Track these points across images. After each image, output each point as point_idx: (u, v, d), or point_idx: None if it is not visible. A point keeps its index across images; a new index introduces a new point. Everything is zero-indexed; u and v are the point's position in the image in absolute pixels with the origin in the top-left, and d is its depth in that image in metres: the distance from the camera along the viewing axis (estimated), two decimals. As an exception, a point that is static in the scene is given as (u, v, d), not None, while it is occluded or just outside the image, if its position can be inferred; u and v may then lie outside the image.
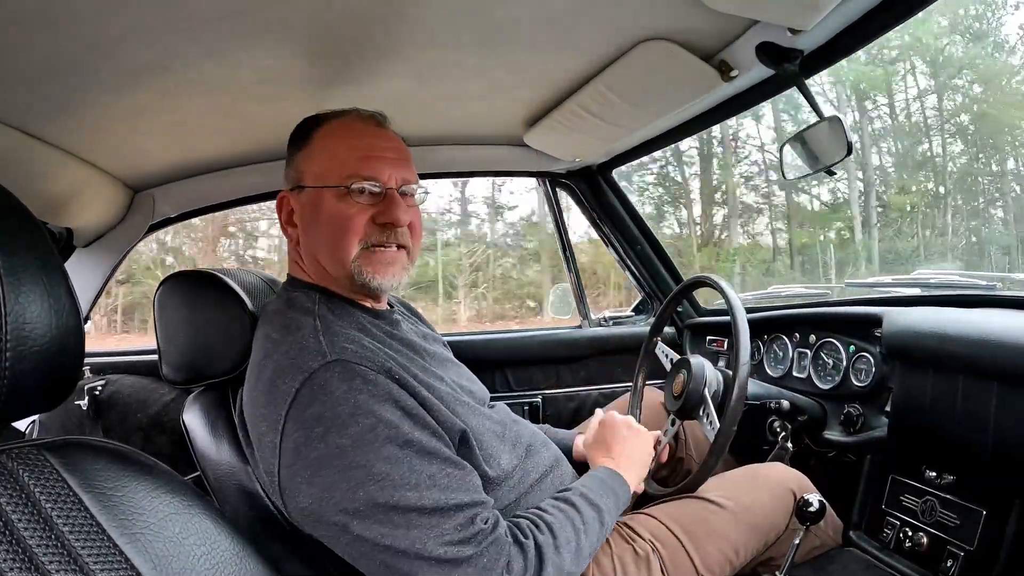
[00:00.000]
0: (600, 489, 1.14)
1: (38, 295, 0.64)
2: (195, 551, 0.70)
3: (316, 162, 1.10)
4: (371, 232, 1.08)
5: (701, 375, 1.37)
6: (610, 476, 1.19)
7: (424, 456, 0.92)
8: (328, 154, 1.10)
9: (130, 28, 1.02)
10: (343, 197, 1.07)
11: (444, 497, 0.90)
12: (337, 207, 1.07)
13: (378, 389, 0.93)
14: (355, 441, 0.89)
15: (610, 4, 1.12)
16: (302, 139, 1.14)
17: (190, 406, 1.23)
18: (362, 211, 1.08)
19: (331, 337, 0.98)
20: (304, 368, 0.93)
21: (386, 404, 0.92)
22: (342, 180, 1.07)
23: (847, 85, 11.21)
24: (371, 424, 0.90)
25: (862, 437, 1.48)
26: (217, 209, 2.04)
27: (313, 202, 1.10)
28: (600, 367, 2.30)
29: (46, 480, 0.62)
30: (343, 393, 0.90)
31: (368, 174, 1.08)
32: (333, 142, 1.11)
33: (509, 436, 1.17)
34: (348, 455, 0.88)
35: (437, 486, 0.91)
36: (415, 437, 0.93)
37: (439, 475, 0.92)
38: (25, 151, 1.33)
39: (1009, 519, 1.17)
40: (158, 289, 1.25)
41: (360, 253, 1.08)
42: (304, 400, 0.91)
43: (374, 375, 0.94)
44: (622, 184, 2.22)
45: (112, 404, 1.93)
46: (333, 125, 1.13)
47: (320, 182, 1.09)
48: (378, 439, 0.89)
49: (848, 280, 7.78)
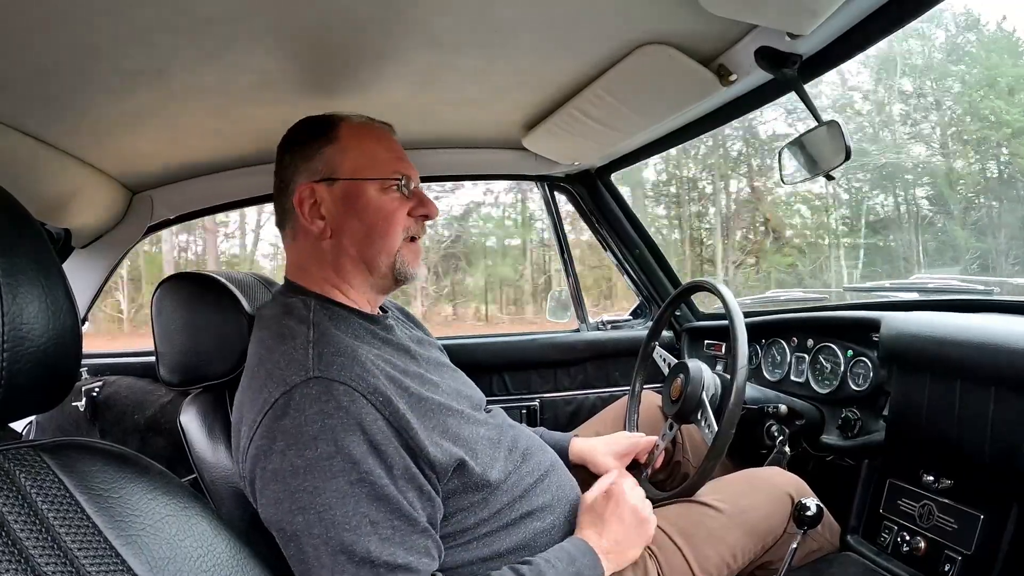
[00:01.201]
0: (567, 570, 1.02)
1: (36, 296, 0.64)
2: (191, 553, 0.70)
3: (351, 156, 1.12)
4: (410, 224, 1.15)
5: (699, 379, 1.37)
6: (585, 556, 1.06)
7: (374, 500, 0.89)
8: (364, 150, 1.13)
9: (129, 31, 1.02)
10: (387, 190, 1.12)
11: (379, 550, 0.87)
12: (382, 199, 1.12)
13: (349, 417, 0.90)
14: (309, 465, 0.88)
15: (609, 8, 1.12)
16: (325, 133, 1.14)
17: (187, 408, 1.23)
18: (402, 204, 1.14)
19: (322, 348, 0.97)
20: (287, 381, 0.92)
21: (353, 435, 0.90)
22: (387, 174, 1.12)
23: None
24: (330, 452, 0.88)
25: (860, 441, 1.48)
26: (215, 211, 2.04)
27: (353, 194, 1.11)
28: (598, 371, 2.30)
29: (43, 481, 0.62)
30: (313, 414, 0.90)
31: (407, 172, 1.14)
32: (367, 141, 1.15)
33: (505, 441, 1.17)
34: (299, 476, 0.88)
35: (377, 535, 0.88)
36: (371, 478, 0.90)
37: (383, 524, 0.89)
38: (24, 152, 1.33)
39: (1007, 523, 1.17)
40: (156, 291, 1.25)
41: (403, 244, 1.13)
42: (278, 411, 0.91)
43: (351, 398, 0.92)
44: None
45: (109, 405, 1.93)
46: (360, 126, 1.16)
47: (360, 175, 1.12)
48: (332, 469, 0.88)
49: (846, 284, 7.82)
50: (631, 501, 1.14)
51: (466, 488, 1.04)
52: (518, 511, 1.09)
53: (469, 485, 1.04)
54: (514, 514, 1.08)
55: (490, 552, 1.04)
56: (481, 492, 1.05)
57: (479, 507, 1.05)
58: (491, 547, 1.04)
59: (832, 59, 1.26)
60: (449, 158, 2.00)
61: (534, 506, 1.11)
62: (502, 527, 1.06)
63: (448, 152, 1.98)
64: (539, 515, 1.11)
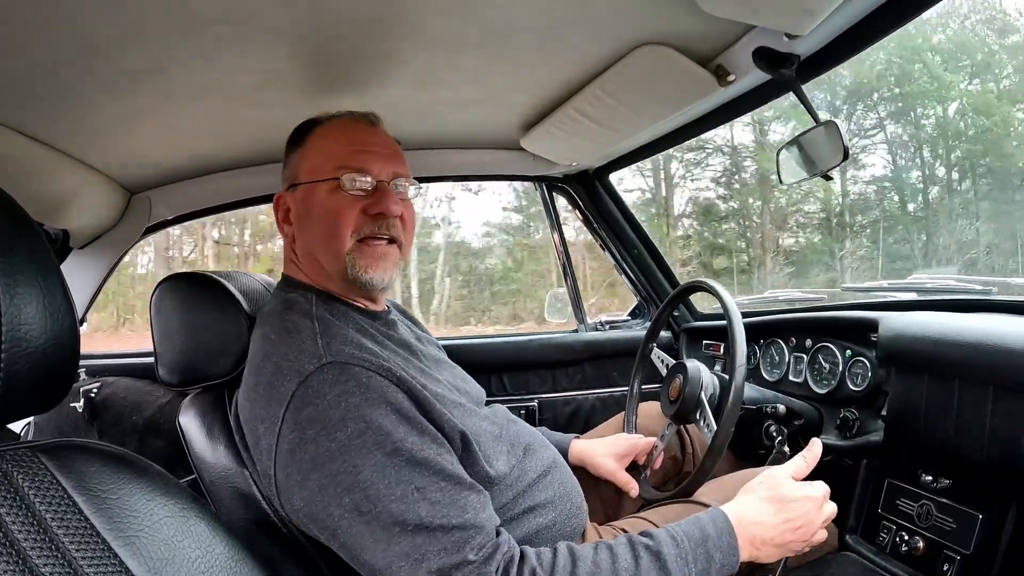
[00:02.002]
0: (693, 548, 0.93)
1: (34, 296, 0.63)
2: (190, 554, 0.70)
3: (309, 160, 1.12)
4: (363, 224, 1.09)
5: (697, 379, 1.37)
6: (722, 533, 0.96)
7: (415, 466, 0.89)
8: (321, 151, 1.12)
9: (127, 30, 1.02)
10: (335, 190, 1.09)
11: (431, 514, 0.86)
12: (329, 200, 1.09)
13: (371, 392, 0.91)
14: (343, 446, 0.87)
15: (607, 9, 1.12)
16: (298, 140, 1.16)
17: (186, 409, 1.23)
18: (354, 203, 1.09)
19: (329, 339, 0.98)
20: (301, 371, 0.93)
21: (379, 408, 0.90)
22: (332, 172, 1.09)
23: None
24: (360, 429, 0.88)
25: (858, 441, 1.48)
26: (214, 212, 2.03)
27: (307, 198, 1.11)
28: (596, 371, 2.30)
29: (41, 482, 0.62)
30: (335, 396, 0.90)
31: (358, 166, 1.09)
32: (326, 140, 1.13)
33: (507, 436, 1.16)
34: (337, 459, 0.87)
35: (426, 500, 0.87)
36: (407, 445, 0.89)
37: (429, 488, 0.88)
38: (22, 152, 1.33)
39: (1005, 523, 1.17)
40: (155, 291, 1.25)
41: (354, 246, 1.09)
42: (299, 402, 0.91)
43: (368, 376, 0.92)
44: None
45: (108, 406, 1.92)
46: (327, 126, 1.15)
47: (312, 177, 1.11)
48: (366, 445, 0.88)
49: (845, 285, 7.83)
50: (825, 512, 1.06)
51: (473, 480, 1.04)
52: (521, 506, 1.09)
53: (474, 479, 1.04)
54: (517, 509, 1.08)
55: None
56: (485, 485, 1.05)
57: None
58: None
59: (830, 59, 1.27)
60: (447, 158, 2.00)
61: (536, 501, 1.11)
62: (505, 522, 1.05)
63: (446, 152, 1.98)
64: (541, 511, 1.11)
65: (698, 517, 0.99)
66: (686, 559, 0.91)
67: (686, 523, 0.97)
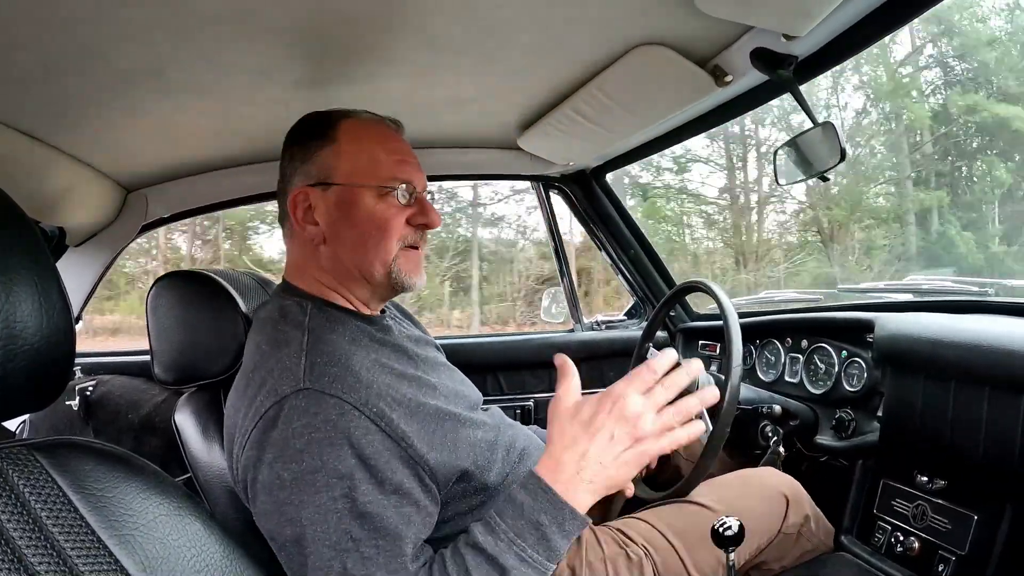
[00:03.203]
0: (512, 523, 0.87)
1: (29, 294, 0.63)
2: (185, 553, 0.70)
3: (347, 159, 1.09)
4: (407, 233, 1.10)
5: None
6: (535, 494, 0.88)
7: (357, 517, 0.87)
8: (362, 153, 1.09)
9: (124, 29, 1.02)
10: (384, 197, 1.08)
11: (358, 569, 0.85)
12: (378, 207, 1.08)
13: (337, 432, 0.89)
14: (295, 478, 0.87)
15: (605, 8, 1.12)
16: (322, 134, 1.10)
17: (182, 407, 1.23)
18: (400, 212, 1.09)
19: (315, 358, 0.95)
20: (278, 391, 0.92)
21: (340, 449, 0.88)
22: (384, 181, 1.08)
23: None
24: (314, 467, 0.87)
25: (854, 442, 1.48)
26: (210, 210, 2.03)
27: (347, 200, 1.08)
28: (592, 371, 2.29)
29: (36, 480, 0.62)
30: (300, 427, 0.89)
31: (406, 178, 1.10)
32: (366, 143, 1.10)
33: (502, 441, 1.16)
34: (286, 489, 0.88)
35: (359, 553, 0.86)
36: (355, 494, 0.88)
37: (365, 542, 0.86)
38: (18, 149, 1.33)
39: (1000, 523, 1.17)
40: (151, 289, 1.24)
41: (399, 253, 1.10)
42: (268, 423, 0.90)
43: (339, 411, 0.90)
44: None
45: (103, 405, 1.92)
46: (359, 124, 1.12)
47: (356, 180, 1.08)
48: (315, 484, 0.87)
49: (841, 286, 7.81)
50: (631, 408, 0.92)
51: (465, 493, 1.03)
52: None
53: (468, 490, 1.03)
54: None
55: None
56: (479, 495, 1.05)
57: (477, 510, 1.04)
58: None
59: (827, 60, 1.27)
60: (444, 158, 1.99)
61: None
62: None
63: (443, 152, 1.98)
64: None
65: (510, 491, 0.90)
66: (509, 538, 0.86)
67: (500, 503, 0.90)
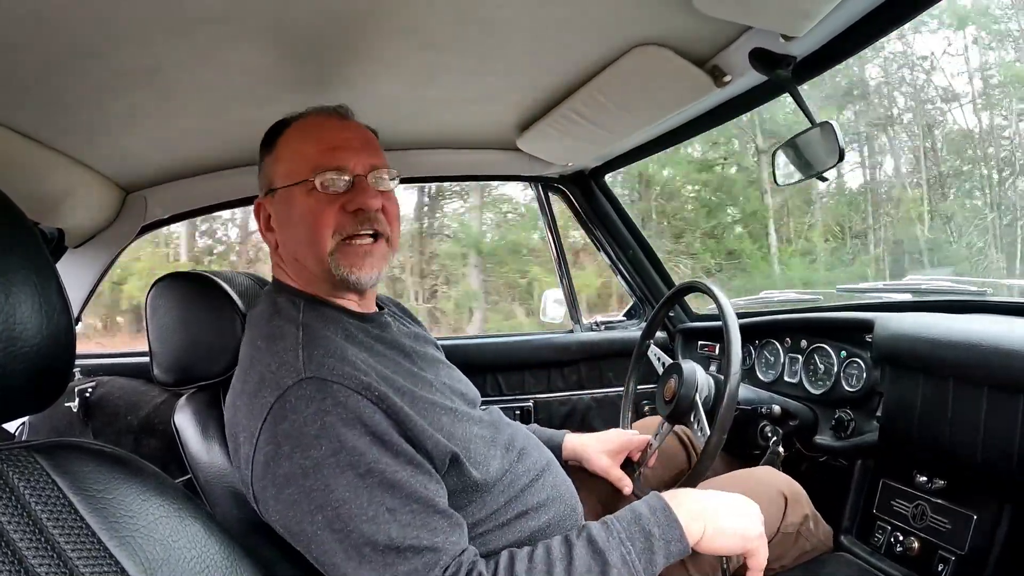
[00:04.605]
0: (626, 527, 0.93)
1: (29, 295, 0.63)
2: (185, 554, 0.70)
3: (283, 163, 1.10)
4: (344, 222, 1.07)
5: (692, 380, 1.37)
6: (655, 511, 0.95)
7: (387, 487, 0.89)
8: (293, 153, 1.10)
9: (122, 30, 1.02)
10: (311, 191, 1.06)
11: (401, 535, 0.87)
12: (307, 202, 1.07)
13: (347, 411, 0.90)
14: (317, 463, 0.88)
15: (603, 9, 1.12)
16: (269, 145, 1.14)
17: (181, 408, 1.23)
18: (331, 202, 1.07)
19: (311, 350, 0.96)
20: (280, 384, 0.92)
21: (354, 428, 0.90)
22: (307, 174, 1.07)
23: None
24: (334, 448, 0.88)
25: (853, 442, 1.48)
26: (209, 211, 2.03)
27: (285, 202, 1.09)
28: (591, 371, 2.30)
29: (36, 482, 0.62)
30: (311, 414, 0.89)
31: (332, 164, 1.07)
32: (297, 142, 1.11)
33: (501, 440, 1.16)
34: (311, 476, 0.88)
35: (397, 522, 0.87)
36: (380, 466, 0.89)
37: (401, 510, 0.88)
38: (18, 151, 1.33)
39: (999, 523, 1.18)
40: (150, 291, 1.24)
41: (336, 246, 1.07)
42: (277, 416, 0.91)
43: (346, 395, 0.92)
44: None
45: (102, 406, 1.92)
46: (296, 126, 1.13)
47: (287, 181, 1.09)
48: (339, 464, 0.88)
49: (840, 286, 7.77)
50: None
51: (462, 488, 1.03)
52: (514, 510, 1.09)
53: (465, 485, 1.03)
54: (510, 513, 1.08)
55: (486, 551, 1.03)
56: (477, 492, 1.05)
57: (476, 507, 1.04)
58: (488, 546, 1.03)
59: (826, 61, 1.27)
60: (442, 159, 1.99)
61: (529, 505, 1.11)
62: (498, 526, 1.05)
63: (441, 152, 1.97)
64: (535, 514, 1.11)
65: (632, 504, 0.98)
66: (620, 538, 0.91)
67: (621, 511, 0.97)
